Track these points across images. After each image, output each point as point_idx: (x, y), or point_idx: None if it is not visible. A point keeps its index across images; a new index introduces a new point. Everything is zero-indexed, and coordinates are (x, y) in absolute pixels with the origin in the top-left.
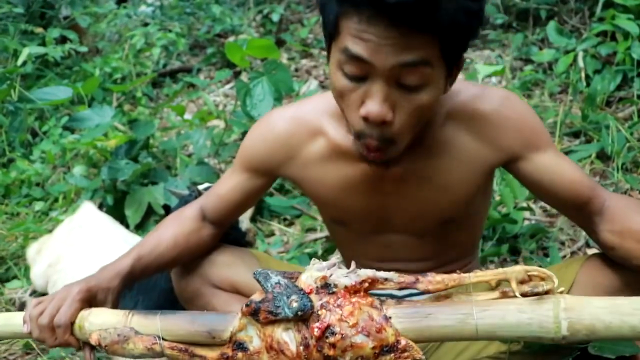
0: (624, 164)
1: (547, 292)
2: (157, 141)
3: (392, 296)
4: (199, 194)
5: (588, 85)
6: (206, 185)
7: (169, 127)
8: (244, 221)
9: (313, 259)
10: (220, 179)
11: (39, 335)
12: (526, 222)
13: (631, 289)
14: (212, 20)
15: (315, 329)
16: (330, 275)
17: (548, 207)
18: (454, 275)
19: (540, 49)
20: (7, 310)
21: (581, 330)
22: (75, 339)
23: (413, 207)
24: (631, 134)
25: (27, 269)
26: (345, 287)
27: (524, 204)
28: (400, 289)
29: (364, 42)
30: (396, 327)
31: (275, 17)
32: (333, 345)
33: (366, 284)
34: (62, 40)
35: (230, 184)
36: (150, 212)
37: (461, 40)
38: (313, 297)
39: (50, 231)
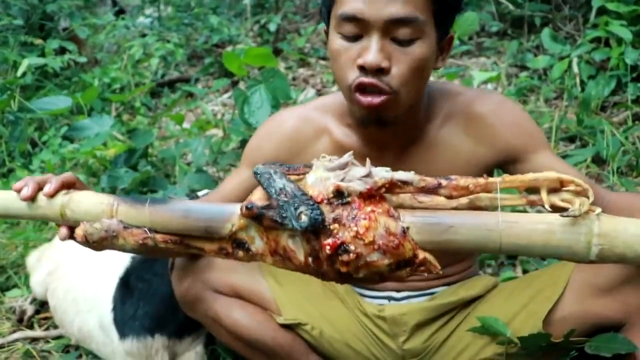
0: (619, 168)
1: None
2: (156, 150)
3: (390, 298)
4: None
5: (583, 90)
6: (205, 191)
7: (168, 137)
8: None
9: (322, 155)
10: (225, 178)
11: (26, 182)
12: None
13: (631, 284)
14: (210, 31)
15: (327, 247)
16: (343, 179)
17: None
18: (480, 180)
19: (535, 55)
20: (8, 319)
21: (611, 257)
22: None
23: None
24: (626, 138)
25: (27, 277)
26: (360, 193)
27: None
28: (421, 192)
29: (359, 2)
30: (414, 238)
31: (272, 27)
32: (346, 263)
33: (383, 189)
34: (62, 51)
35: (235, 182)
36: None
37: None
38: (324, 207)
39: (50, 240)
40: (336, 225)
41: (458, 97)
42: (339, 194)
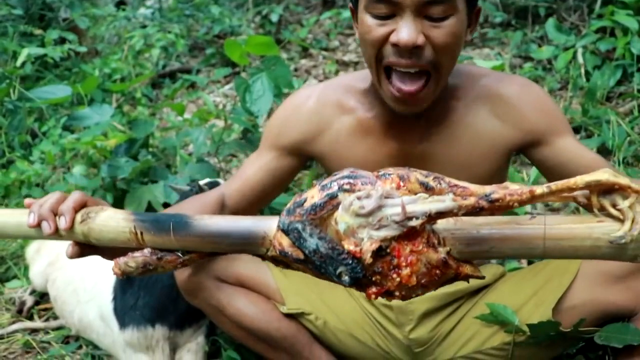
0: (625, 158)
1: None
2: (156, 141)
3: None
4: (200, 189)
5: (588, 80)
6: (207, 180)
7: (169, 127)
8: None
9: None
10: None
11: (41, 216)
12: None
13: None
14: (212, 21)
15: (372, 295)
16: (378, 227)
17: (550, 201)
18: (525, 194)
19: (540, 46)
20: (8, 310)
21: None
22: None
23: None
24: (632, 128)
25: (26, 268)
26: (400, 236)
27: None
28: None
29: None
30: (455, 257)
31: (274, 18)
32: (391, 299)
33: (423, 226)
34: (62, 41)
35: (256, 165)
36: (150, 210)
37: None
38: (363, 260)
39: None
40: (378, 276)
41: (483, 78)
42: (378, 249)
